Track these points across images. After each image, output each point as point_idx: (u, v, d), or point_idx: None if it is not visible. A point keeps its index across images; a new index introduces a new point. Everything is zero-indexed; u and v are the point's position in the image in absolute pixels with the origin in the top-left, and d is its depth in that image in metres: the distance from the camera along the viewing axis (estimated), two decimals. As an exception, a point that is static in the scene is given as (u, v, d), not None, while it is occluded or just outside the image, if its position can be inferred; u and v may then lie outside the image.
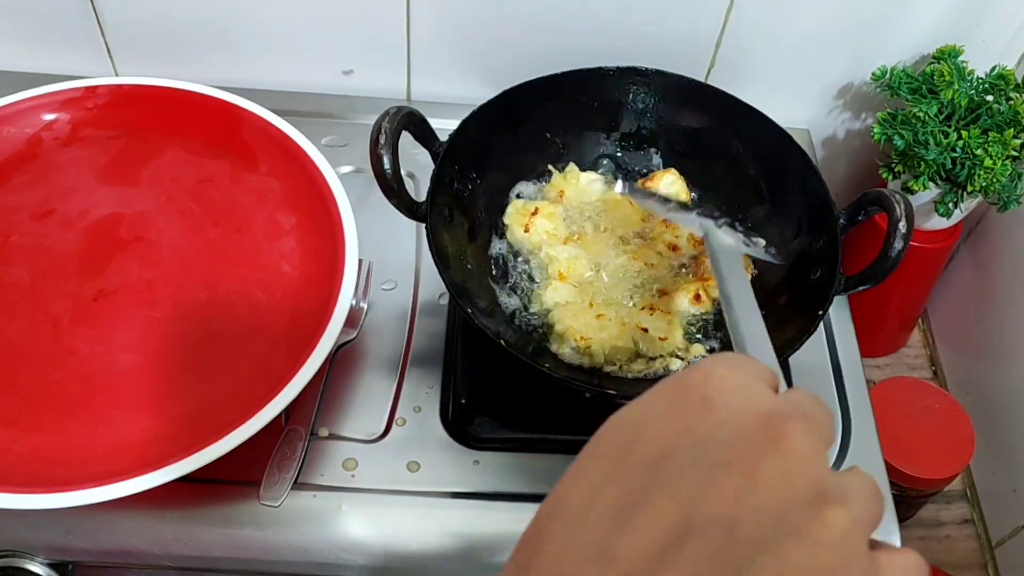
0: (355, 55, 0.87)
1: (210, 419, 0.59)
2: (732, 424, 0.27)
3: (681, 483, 0.25)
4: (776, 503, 0.25)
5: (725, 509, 0.25)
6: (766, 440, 0.26)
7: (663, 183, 0.74)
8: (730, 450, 0.26)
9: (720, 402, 0.27)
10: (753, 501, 0.25)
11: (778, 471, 0.25)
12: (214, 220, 0.72)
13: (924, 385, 0.86)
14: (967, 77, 0.78)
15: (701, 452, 0.26)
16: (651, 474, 0.26)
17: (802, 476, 0.26)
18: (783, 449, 0.26)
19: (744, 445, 0.26)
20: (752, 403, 0.27)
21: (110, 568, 0.63)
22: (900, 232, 0.60)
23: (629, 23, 0.82)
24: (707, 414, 0.27)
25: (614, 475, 0.26)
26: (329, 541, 0.62)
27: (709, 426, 0.27)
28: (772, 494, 0.25)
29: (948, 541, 0.92)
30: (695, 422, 0.27)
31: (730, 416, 0.27)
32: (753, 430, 0.26)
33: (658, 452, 0.26)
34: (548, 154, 0.77)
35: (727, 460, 0.26)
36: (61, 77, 0.79)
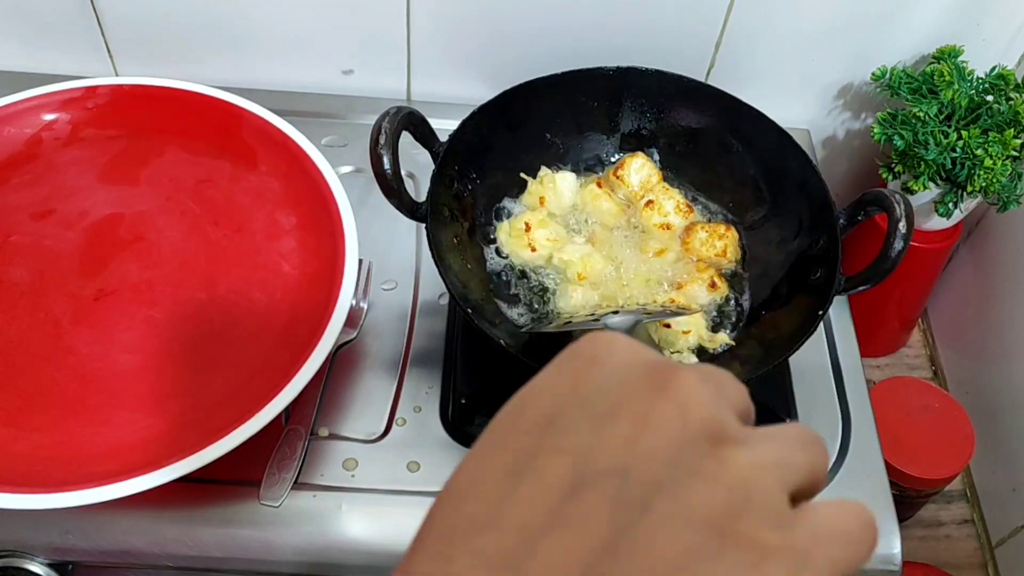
0: (355, 55, 0.87)
1: (210, 419, 0.59)
2: (619, 375, 0.26)
3: (569, 438, 0.25)
4: (669, 445, 0.24)
5: (617, 456, 0.24)
6: (655, 386, 0.25)
7: (632, 169, 0.74)
8: (618, 399, 0.25)
9: (607, 358, 0.26)
10: (645, 446, 0.24)
11: (669, 414, 0.25)
12: (214, 220, 0.72)
13: (924, 385, 0.86)
14: (967, 77, 0.78)
15: (589, 405, 0.25)
16: (539, 436, 0.25)
17: (695, 418, 0.25)
18: (673, 393, 0.25)
19: (632, 392, 0.25)
20: (639, 356, 0.27)
21: (110, 568, 0.63)
22: (900, 232, 0.60)
23: (629, 23, 0.82)
24: (593, 369, 0.26)
25: (502, 445, 0.25)
26: (329, 541, 0.62)
27: (595, 380, 0.26)
28: (664, 437, 0.24)
29: (948, 541, 0.92)
30: (581, 379, 0.26)
31: (617, 368, 0.26)
32: (641, 378, 0.26)
33: (545, 414, 0.25)
34: (548, 154, 0.77)
35: (615, 409, 0.25)
36: (61, 77, 0.79)
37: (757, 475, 0.24)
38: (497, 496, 0.24)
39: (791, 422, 0.24)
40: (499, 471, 0.25)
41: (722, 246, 0.71)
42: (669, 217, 0.73)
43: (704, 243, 0.72)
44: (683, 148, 0.77)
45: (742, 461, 0.24)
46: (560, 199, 0.74)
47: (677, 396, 0.25)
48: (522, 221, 0.72)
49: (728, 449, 0.24)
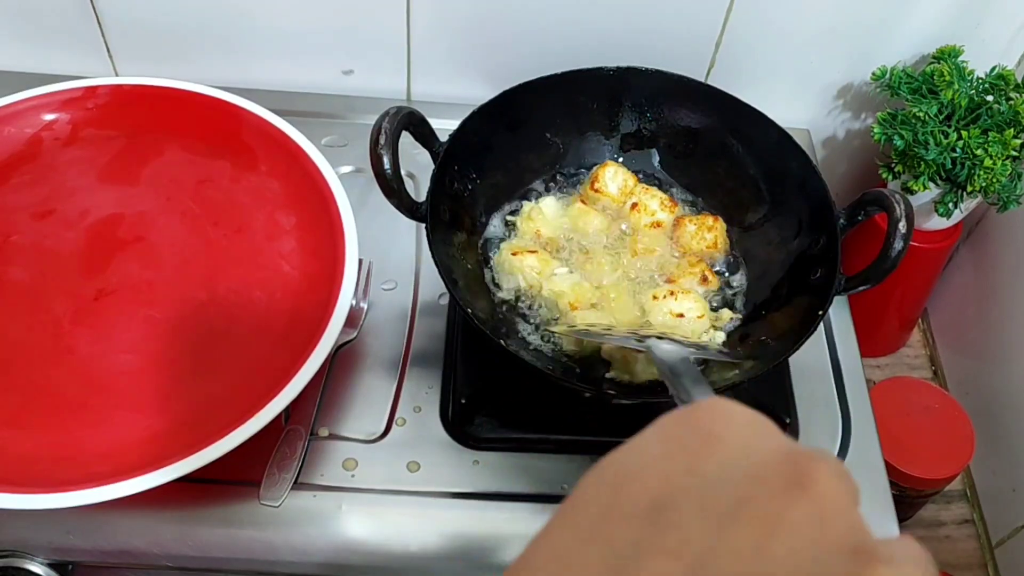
0: (355, 55, 0.87)
1: (210, 419, 0.59)
2: (746, 463, 0.22)
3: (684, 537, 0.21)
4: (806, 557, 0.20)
5: (743, 566, 0.20)
6: (789, 481, 0.21)
7: (608, 178, 0.74)
8: (744, 493, 0.21)
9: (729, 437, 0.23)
10: (776, 554, 0.20)
11: (807, 517, 0.21)
12: (214, 220, 0.72)
13: (924, 385, 0.86)
14: (967, 77, 0.78)
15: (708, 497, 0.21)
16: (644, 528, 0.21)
17: (837, 525, 0.21)
18: (811, 492, 0.21)
19: (763, 487, 0.21)
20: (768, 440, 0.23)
21: (110, 568, 0.63)
22: (900, 232, 0.60)
23: (629, 23, 0.82)
24: (714, 451, 0.22)
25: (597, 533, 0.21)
26: (329, 541, 0.62)
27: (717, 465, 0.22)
28: (800, 546, 0.20)
29: (948, 541, 0.92)
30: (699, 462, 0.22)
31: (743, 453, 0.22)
32: (773, 469, 0.22)
33: (652, 501, 0.21)
34: (548, 155, 0.77)
35: (740, 505, 0.21)
36: (61, 77, 0.79)
37: None
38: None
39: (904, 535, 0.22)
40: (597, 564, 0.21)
41: (712, 238, 0.72)
42: (657, 215, 0.73)
43: (694, 236, 0.72)
44: (683, 148, 0.77)
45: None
46: (549, 224, 0.73)
47: (817, 497, 0.21)
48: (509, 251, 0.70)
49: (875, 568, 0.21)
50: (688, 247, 0.72)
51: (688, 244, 0.72)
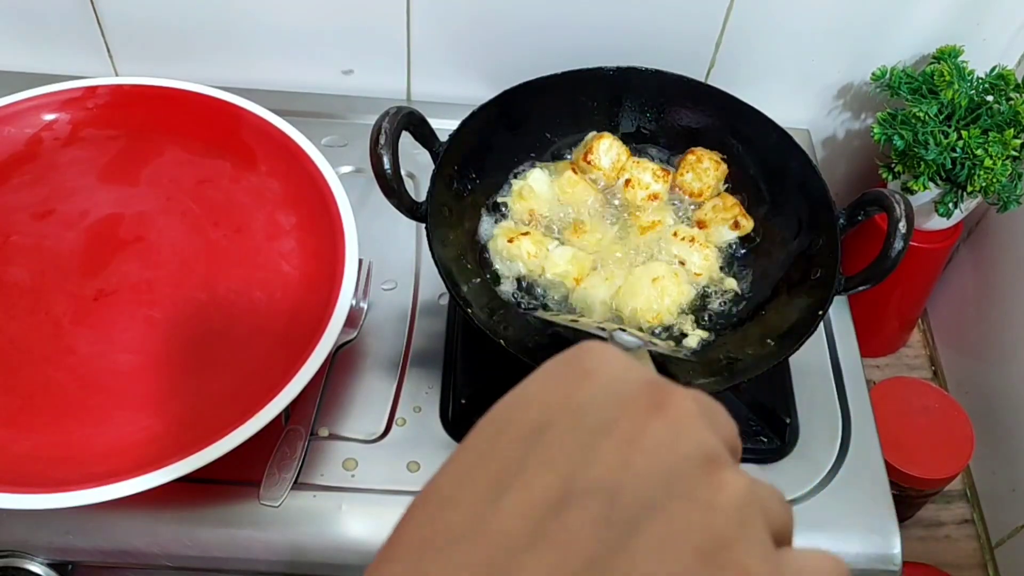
0: (355, 55, 0.87)
1: (210, 419, 0.59)
2: (613, 391, 0.25)
3: (559, 452, 0.24)
4: (662, 466, 0.23)
5: (607, 474, 0.23)
6: (649, 404, 0.25)
7: (601, 151, 0.74)
8: (611, 414, 0.25)
9: (600, 372, 0.26)
10: (637, 465, 0.23)
11: (663, 434, 0.24)
12: (214, 220, 0.72)
13: (924, 385, 0.86)
14: (967, 77, 0.78)
15: (580, 419, 0.25)
16: (527, 447, 0.24)
17: (690, 439, 0.24)
18: (667, 412, 0.24)
19: (625, 410, 0.25)
20: (634, 372, 0.26)
21: (110, 568, 0.63)
22: (900, 232, 0.60)
23: (629, 23, 0.82)
24: (586, 382, 0.26)
25: (488, 453, 0.25)
26: (329, 541, 0.62)
27: (588, 393, 0.25)
28: (657, 457, 0.24)
29: (948, 541, 0.92)
30: (573, 391, 0.25)
31: (610, 383, 0.25)
32: (635, 395, 0.25)
33: (534, 425, 0.25)
34: (548, 155, 0.77)
35: (608, 425, 0.24)
36: (61, 77, 0.79)
37: (751, 505, 0.24)
38: (479, 506, 0.23)
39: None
40: (483, 480, 0.24)
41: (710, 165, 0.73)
42: (652, 187, 0.73)
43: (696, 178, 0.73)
44: (683, 148, 0.77)
45: (737, 488, 0.24)
46: (540, 200, 0.73)
47: (673, 417, 0.24)
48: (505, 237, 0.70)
49: (724, 475, 0.24)
50: (690, 189, 0.73)
51: (690, 185, 0.73)
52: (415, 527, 0.24)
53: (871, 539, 0.65)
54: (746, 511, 0.24)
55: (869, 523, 0.65)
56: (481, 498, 0.24)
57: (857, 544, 0.64)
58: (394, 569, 0.23)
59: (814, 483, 0.67)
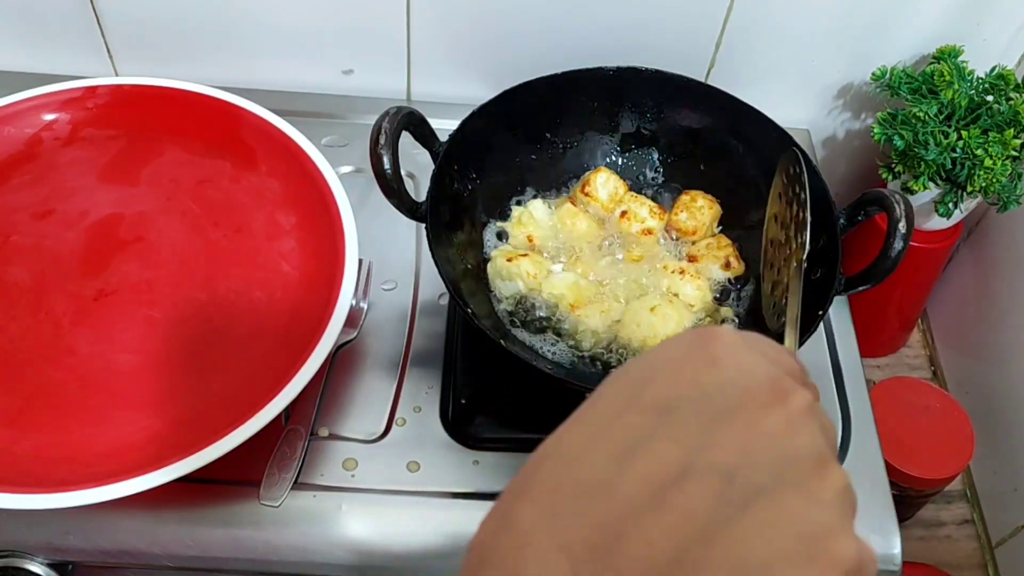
0: (355, 55, 0.87)
1: (210, 419, 0.59)
2: (738, 382, 0.27)
3: (685, 430, 0.26)
4: (777, 455, 0.26)
5: (727, 457, 0.25)
6: (771, 397, 0.27)
7: (599, 184, 0.75)
8: (735, 403, 0.27)
9: (728, 361, 0.28)
10: (755, 451, 0.26)
11: (782, 426, 0.26)
12: (214, 220, 0.72)
13: (924, 385, 0.86)
14: (967, 77, 0.78)
15: (706, 404, 0.27)
16: (656, 419, 0.26)
17: (804, 434, 0.26)
18: (787, 407, 0.27)
19: (749, 399, 0.27)
20: (759, 368, 0.28)
21: (110, 568, 0.63)
22: (900, 232, 0.60)
23: (629, 23, 0.82)
24: (714, 370, 0.28)
25: (618, 418, 0.27)
26: (329, 541, 0.62)
27: (715, 381, 0.27)
28: (774, 447, 0.26)
29: (948, 541, 0.92)
30: (702, 376, 0.27)
31: (737, 375, 0.28)
32: (759, 388, 0.27)
33: (664, 400, 0.27)
34: (548, 155, 0.77)
35: (732, 412, 0.26)
36: (61, 77, 0.79)
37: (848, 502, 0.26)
38: (609, 468, 0.26)
39: None
40: (612, 445, 0.26)
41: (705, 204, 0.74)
42: (647, 222, 0.74)
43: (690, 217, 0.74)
44: (683, 148, 0.77)
45: (840, 486, 0.26)
46: (540, 227, 0.73)
47: (791, 412, 0.27)
48: (503, 257, 0.70)
49: (830, 471, 0.26)
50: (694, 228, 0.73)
51: (687, 226, 0.73)
52: (546, 475, 0.27)
53: (871, 539, 0.63)
54: (845, 506, 0.26)
55: (869, 523, 0.65)
56: (610, 460, 0.26)
57: (857, 544, 0.64)
58: (526, 508, 0.26)
59: (814, 483, 0.67)
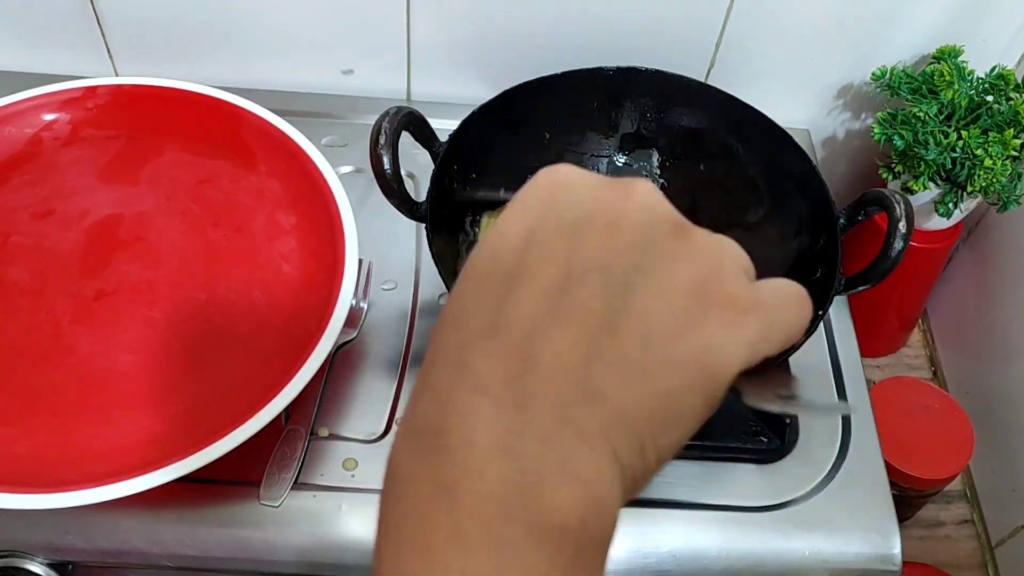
0: (355, 55, 0.87)
1: (210, 419, 0.59)
2: (586, 191, 0.29)
3: (552, 248, 0.27)
4: (641, 237, 0.27)
5: (598, 254, 0.27)
6: (619, 194, 0.28)
7: None
8: (589, 209, 0.28)
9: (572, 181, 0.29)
10: (621, 241, 0.27)
11: (635, 213, 0.28)
12: (214, 220, 0.72)
13: (924, 385, 0.86)
14: (967, 77, 0.78)
15: (564, 217, 0.28)
16: (523, 252, 0.27)
17: (658, 212, 0.28)
18: (635, 196, 0.28)
19: (601, 202, 0.28)
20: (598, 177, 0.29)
21: (110, 568, 0.63)
22: (900, 232, 0.60)
23: (629, 23, 0.82)
24: (561, 190, 0.29)
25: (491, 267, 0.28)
26: (329, 541, 0.62)
27: (564, 199, 0.28)
28: (636, 231, 0.27)
29: (948, 541, 0.92)
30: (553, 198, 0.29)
31: (583, 187, 0.29)
32: (606, 190, 0.28)
33: (524, 235, 0.28)
34: (548, 155, 0.77)
35: (589, 217, 0.28)
36: (61, 77, 0.79)
37: (721, 247, 0.28)
38: (496, 307, 0.27)
39: None
40: (493, 287, 0.27)
41: None
42: None
43: None
44: (683, 148, 0.77)
45: (704, 239, 0.28)
46: None
47: (639, 198, 0.28)
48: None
49: (691, 232, 0.28)
50: None
51: None
52: (446, 337, 0.27)
53: (871, 539, 0.65)
54: (720, 256, 0.28)
55: (869, 523, 0.65)
56: (496, 299, 0.27)
57: (857, 544, 0.64)
58: (437, 375, 0.26)
59: (814, 483, 0.67)
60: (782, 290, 0.30)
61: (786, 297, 0.29)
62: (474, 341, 0.26)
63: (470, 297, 0.28)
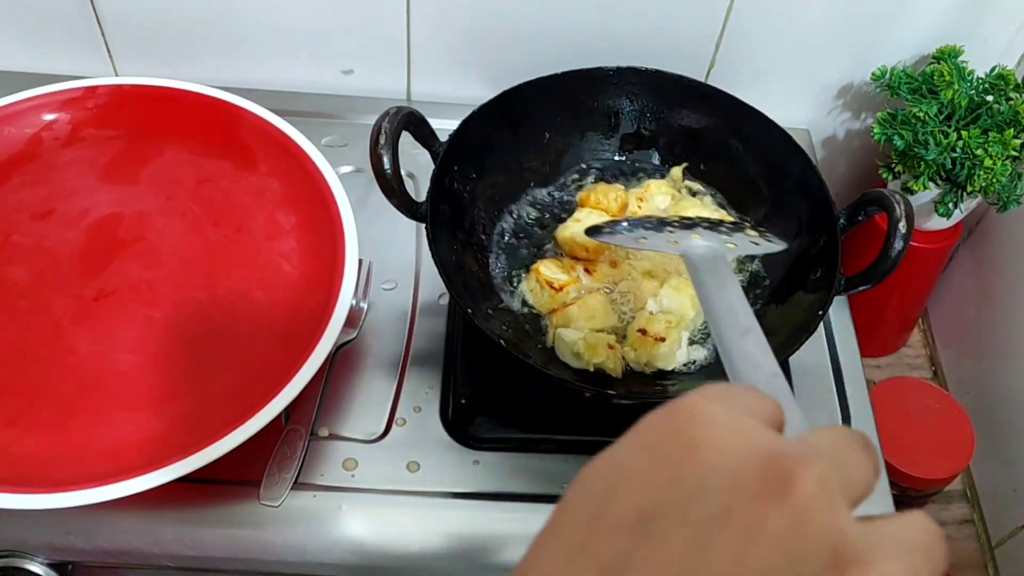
0: (355, 55, 0.87)
1: (210, 419, 0.59)
2: (726, 469, 0.22)
3: (667, 549, 0.22)
4: (784, 564, 0.21)
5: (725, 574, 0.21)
6: (769, 487, 0.22)
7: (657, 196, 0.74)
8: (725, 502, 0.22)
9: (709, 444, 0.23)
10: (755, 565, 0.21)
11: (783, 526, 0.21)
12: (214, 220, 0.72)
13: (924, 385, 0.86)
14: (967, 77, 0.78)
15: (691, 506, 0.22)
16: (632, 539, 0.22)
17: (814, 531, 0.22)
18: (789, 498, 0.22)
19: (741, 495, 0.22)
20: (749, 441, 0.23)
21: (110, 568, 0.63)
22: (900, 232, 0.60)
23: (629, 23, 0.82)
24: (694, 458, 0.23)
25: (585, 546, 0.22)
26: (329, 541, 0.62)
27: (698, 474, 0.22)
28: (779, 555, 0.21)
29: (948, 541, 0.91)
30: (681, 470, 0.23)
31: (723, 460, 0.23)
32: (752, 475, 0.22)
33: (638, 511, 0.22)
34: (548, 155, 0.77)
35: (722, 516, 0.22)
36: (61, 77, 0.79)
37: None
38: None
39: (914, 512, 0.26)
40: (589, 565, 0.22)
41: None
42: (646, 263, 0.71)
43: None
44: (683, 148, 0.77)
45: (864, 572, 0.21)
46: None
47: (794, 503, 0.22)
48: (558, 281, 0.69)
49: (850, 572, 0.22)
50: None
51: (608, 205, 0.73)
52: None
53: (871, 539, 0.64)
54: None
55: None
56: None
57: (857, 544, 0.64)
58: None
59: (814, 483, 0.67)
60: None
61: None
62: None
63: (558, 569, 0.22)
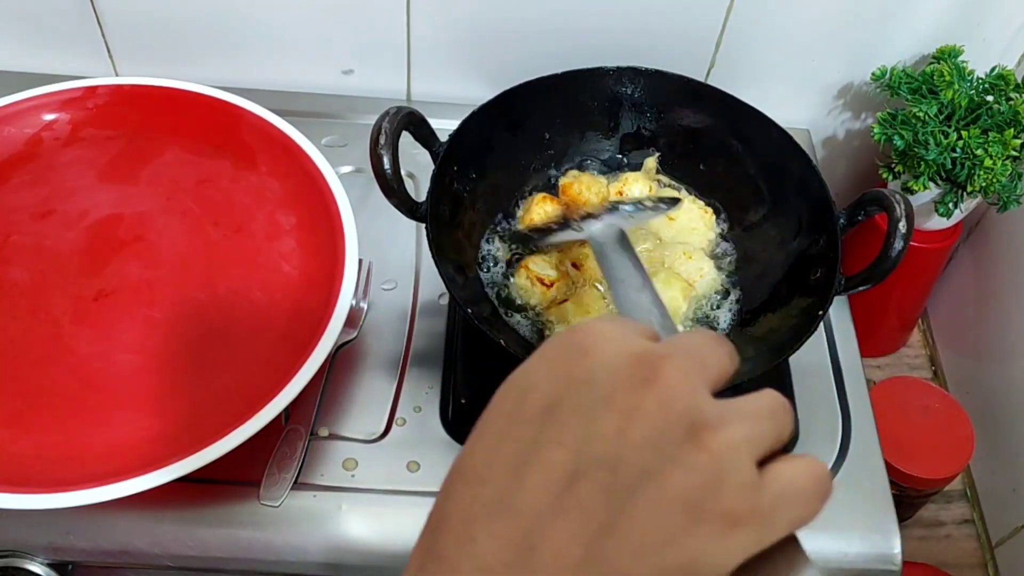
0: (355, 55, 0.87)
1: (210, 419, 0.59)
2: (608, 366, 0.28)
3: (566, 429, 0.27)
4: (654, 435, 0.27)
5: (608, 448, 0.27)
6: (640, 377, 0.28)
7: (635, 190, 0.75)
8: (608, 390, 0.28)
9: (595, 348, 0.29)
10: (632, 436, 0.27)
11: (653, 406, 0.27)
12: (214, 220, 0.72)
13: (924, 385, 0.86)
14: (967, 77, 0.78)
15: (581, 397, 0.28)
16: (539, 426, 0.28)
17: (676, 407, 0.27)
18: (657, 384, 0.27)
19: (619, 384, 0.28)
20: (626, 347, 0.29)
21: (110, 568, 0.63)
22: (900, 232, 0.60)
23: (629, 23, 0.82)
24: (583, 360, 0.29)
25: (507, 432, 0.28)
26: (329, 541, 0.62)
27: (586, 371, 0.28)
28: (649, 427, 0.27)
29: (948, 541, 0.92)
30: (573, 369, 0.29)
31: (605, 359, 0.28)
32: (627, 369, 0.28)
33: (543, 404, 0.28)
34: (548, 154, 0.77)
35: (606, 401, 0.27)
36: (61, 77, 0.79)
37: (729, 454, 0.27)
38: (507, 483, 0.27)
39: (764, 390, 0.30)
40: (507, 459, 0.28)
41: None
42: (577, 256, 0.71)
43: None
44: (683, 148, 0.77)
45: (715, 444, 0.27)
46: None
47: (660, 389, 0.27)
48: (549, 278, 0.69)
49: (703, 435, 0.27)
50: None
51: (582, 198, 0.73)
52: (457, 501, 0.28)
53: (871, 539, 0.65)
54: (726, 460, 0.27)
55: (869, 523, 0.65)
56: (507, 476, 0.27)
57: (857, 544, 0.64)
58: (446, 543, 0.28)
59: (814, 483, 0.67)
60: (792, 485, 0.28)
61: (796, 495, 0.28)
62: (483, 516, 0.27)
63: (484, 459, 0.28)
